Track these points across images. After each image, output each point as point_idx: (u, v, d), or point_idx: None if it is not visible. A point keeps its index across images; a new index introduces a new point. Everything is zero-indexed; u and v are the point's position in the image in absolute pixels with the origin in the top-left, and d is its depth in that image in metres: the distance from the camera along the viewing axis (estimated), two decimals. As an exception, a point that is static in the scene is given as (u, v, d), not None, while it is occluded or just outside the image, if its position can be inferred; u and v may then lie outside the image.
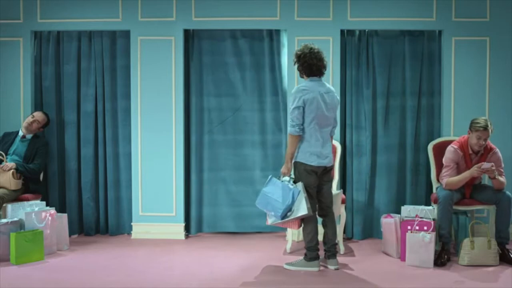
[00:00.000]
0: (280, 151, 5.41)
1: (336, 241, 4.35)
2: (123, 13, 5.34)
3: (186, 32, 5.39)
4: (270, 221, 4.19)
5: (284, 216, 4.05)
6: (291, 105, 4.12)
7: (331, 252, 4.26)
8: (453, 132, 5.18)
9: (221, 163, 5.45)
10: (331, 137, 4.31)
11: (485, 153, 4.55)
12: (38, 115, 5.22)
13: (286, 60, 5.32)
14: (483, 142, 4.45)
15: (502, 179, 4.47)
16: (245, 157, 5.44)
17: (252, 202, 5.34)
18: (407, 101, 5.33)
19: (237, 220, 5.46)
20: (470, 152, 4.55)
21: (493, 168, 4.35)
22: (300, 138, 4.13)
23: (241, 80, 5.41)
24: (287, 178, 4.15)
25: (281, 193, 4.05)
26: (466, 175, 4.47)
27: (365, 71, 5.34)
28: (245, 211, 5.42)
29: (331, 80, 5.25)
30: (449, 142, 4.74)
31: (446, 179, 4.53)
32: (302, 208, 3.99)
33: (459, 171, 4.56)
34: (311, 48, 4.16)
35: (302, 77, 4.28)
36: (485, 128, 4.41)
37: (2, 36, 5.37)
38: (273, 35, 5.42)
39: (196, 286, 3.83)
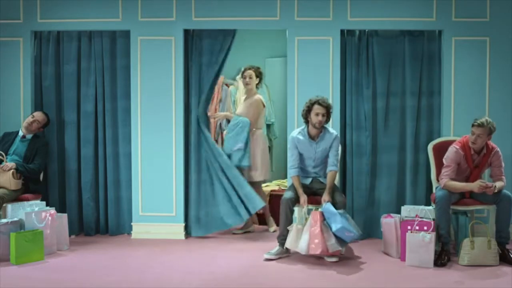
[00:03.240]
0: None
1: None
2: (123, 13, 5.34)
3: (186, 32, 5.39)
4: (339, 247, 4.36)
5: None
6: (339, 147, 4.82)
7: None
8: (453, 132, 5.17)
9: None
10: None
11: (487, 153, 4.55)
12: (38, 115, 5.21)
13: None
14: (478, 139, 4.45)
15: (500, 184, 4.48)
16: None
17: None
18: (407, 101, 5.32)
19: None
20: (472, 152, 4.55)
21: (493, 188, 4.38)
22: None
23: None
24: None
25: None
26: (467, 187, 4.49)
27: (365, 71, 5.34)
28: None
29: (331, 80, 5.25)
30: (449, 142, 4.74)
31: (446, 180, 4.52)
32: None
33: (460, 170, 4.56)
34: None
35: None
36: (479, 125, 4.41)
37: (2, 36, 5.37)
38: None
39: (196, 286, 3.83)
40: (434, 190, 4.95)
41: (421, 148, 5.30)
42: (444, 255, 4.38)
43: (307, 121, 4.72)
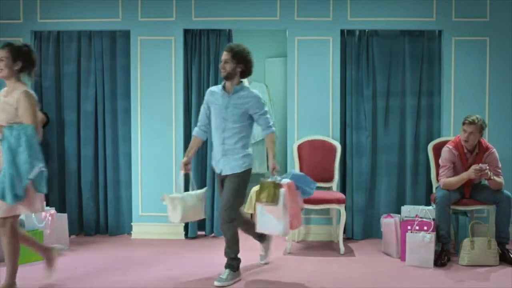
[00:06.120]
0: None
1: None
2: (123, 13, 5.34)
3: (186, 32, 5.39)
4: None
5: None
6: (264, 109, 3.96)
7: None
8: (453, 132, 5.17)
9: None
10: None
11: (480, 152, 4.55)
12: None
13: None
14: (470, 137, 4.46)
15: (498, 179, 4.47)
16: None
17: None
18: (407, 101, 5.32)
19: None
20: (465, 151, 4.55)
21: (487, 170, 4.35)
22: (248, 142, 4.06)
23: None
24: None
25: None
26: (463, 176, 4.47)
27: (365, 71, 5.34)
28: None
29: (331, 80, 5.25)
30: (450, 142, 4.75)
31: (444, 179, 4.53)
32: None
33: (455, 170, 4.56)
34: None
35: (232, 78, 3.94)
36: (471, 122, 4.42)
37: (2, 36, 5.36)
38: None
39: (196, 286, 3.83)
40: (434, 190, 4.95)
41: (421, 148, 5.31)
42: (444, 255, 4.38)
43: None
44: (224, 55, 3.93)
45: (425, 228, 4.34)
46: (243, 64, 3.95)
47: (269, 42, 6.69)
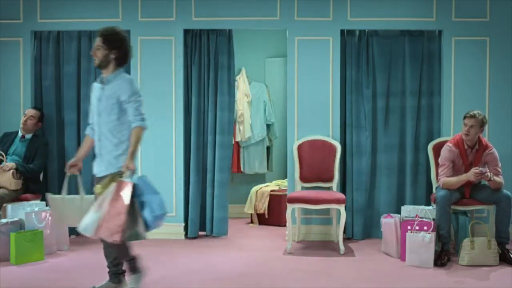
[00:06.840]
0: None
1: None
2: (123, 13, 5.34)
3: (186, 32, 5.39)
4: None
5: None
6: (134, 95, 3.42)
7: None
8: (453, 132, 5.17)
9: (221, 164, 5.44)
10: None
11: (480, 149, 4.55)
12: (30, 111, 5.19)
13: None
14: (471, 130, 4.47)
15: (498, 179, 4.47)
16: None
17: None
18: (407, 101, 5.32)
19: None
20: (466, 147, 4.56)
21: (487, 173, 4.37)
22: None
23: None
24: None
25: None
26: (463, 178, 4.47)
27: (365, 71, 5.34)
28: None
29: (331, 80, 5.25)
30: (449, 142, 4.75)
31: (443, 178, 4.53)
32: None
33: (456, 168, 4.56)
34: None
35: (105, 66, 3.47)
36: (472, 116, 4.46)
37: (2, 36, 5.37)
38: None
39: (196, 286, 3.83)
40: (434, 190, 4.95)
41: (421, 148, 5.31)
42: (444, 255, 4.37)
43: None
44: (96, 41, 3.46)
45: (425, 228, 4.34)
46: (116, 50, 3.44)
47: (269, 42, 6.70)
